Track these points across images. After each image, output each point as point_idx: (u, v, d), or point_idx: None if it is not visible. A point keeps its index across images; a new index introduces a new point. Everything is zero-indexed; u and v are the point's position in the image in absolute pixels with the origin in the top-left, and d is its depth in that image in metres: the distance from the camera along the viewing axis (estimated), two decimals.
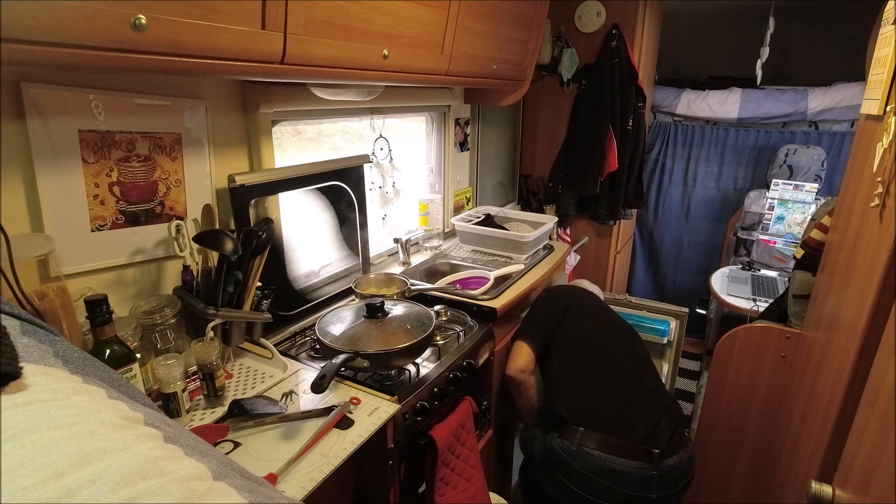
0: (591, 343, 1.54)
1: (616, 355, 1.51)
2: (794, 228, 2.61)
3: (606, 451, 1.33)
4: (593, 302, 1.70)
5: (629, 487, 1.31)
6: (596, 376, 1.46)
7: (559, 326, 1.56)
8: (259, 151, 1.33)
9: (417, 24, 1.32)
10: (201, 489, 0.28)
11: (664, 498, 1.33)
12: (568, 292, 1.70)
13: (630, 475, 1.31)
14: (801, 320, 1.42)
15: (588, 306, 1.65)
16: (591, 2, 2.49)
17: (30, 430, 0.26)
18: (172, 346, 1.07)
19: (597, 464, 1.32)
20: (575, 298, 1.65)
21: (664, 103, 3.13)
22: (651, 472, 1.31)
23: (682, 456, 1.36)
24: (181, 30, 0.78)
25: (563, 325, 1.56)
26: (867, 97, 1.05)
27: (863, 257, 0.90)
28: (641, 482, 1.31)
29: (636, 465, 1.31)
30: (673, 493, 1.35)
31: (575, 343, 1.54)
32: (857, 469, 0.72)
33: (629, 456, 1.32)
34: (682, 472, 1.36)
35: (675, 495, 1.36)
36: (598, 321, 1.62)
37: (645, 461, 1.31)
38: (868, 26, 1.28)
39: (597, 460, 1.32)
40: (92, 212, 1.02)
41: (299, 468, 0.90)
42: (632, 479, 1.31)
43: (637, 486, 1.31)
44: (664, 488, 1.33)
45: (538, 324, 1.59)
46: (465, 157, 2.36)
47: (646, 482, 1.31)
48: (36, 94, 0.90)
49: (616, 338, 1.58)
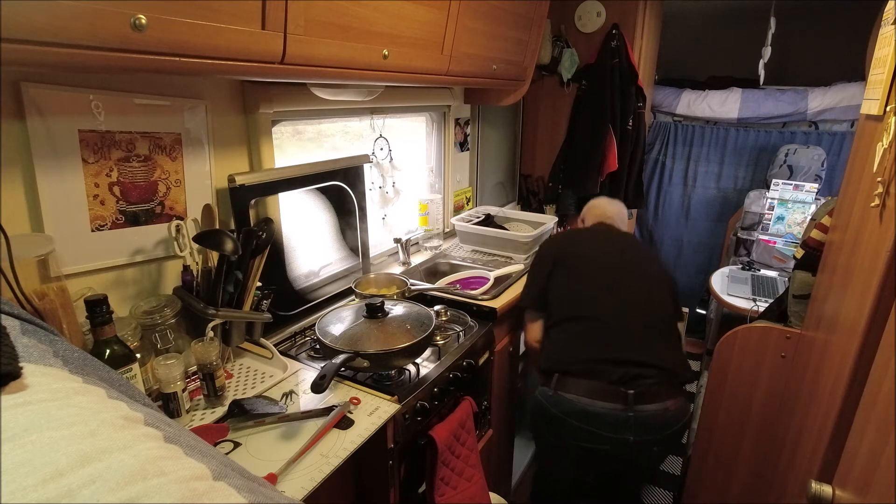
0: (577, 294, 1.49)
1: (605, 298, 1.45)
2: (794, 228, 2.61)
3: (579, 394, 1.33)
4: (592, 240, 1.63)
5: (606, 429, 1.32)
6: (577, 322, 1.44)
7: (549, 286, 1.53)
8: (259, 151, 1.33)
9: (417, 24, 1.32)
10: (201, 489, 0.27)
11: (643, 443, 1.32)
12: (558, 244, 1.64)
13: (605, 416, 1.31)
14: (801, 320, 1.42)
15: (582, 250, 1.58)
16: (591, 2, 2.49)
17: (30, 430, 0.26)
18: (172, 346, 1.07)
19: (571, 406, 1.34)
20: (562, 249, 1.59)
21: (664, 103, 3.13)
22: (626, 413, 1.30)
23: (668, 405, 1.33)
24: (181, 30, 0.78)
25: (552, 285, 1.53)
26: (867, 97, 1.05)
27: (863, 257, 0.90)
28: (617, 424, 1.31)
29: (611, 407, 1.31)
30: (654, 440, 1.33)
31: (561, 301, 1.50)
32: (857, 469, 0.72)
33: (603, 398, 1.31)
34: (665, 421, 1.33)
35: (658, 443, 1.34)
36: (590, 265, 1.53)
37: (620, 403, 1.31)
38: (868, 26, 1.28)
39: (571, 403, 1.34)
40: (92, 212, 1.02)
41: (299, 468, 0.90)
42: (607, 421, 1.31)
43: (613, 428, 1.31)
44: (642, 433, 1.31)
45: (531, 290, 1.58)
46: (465, 157, 2.36)
47: (621, 424, 1.31)
48: (36, 94, 0.90)
49: (613, 277, 1.49)
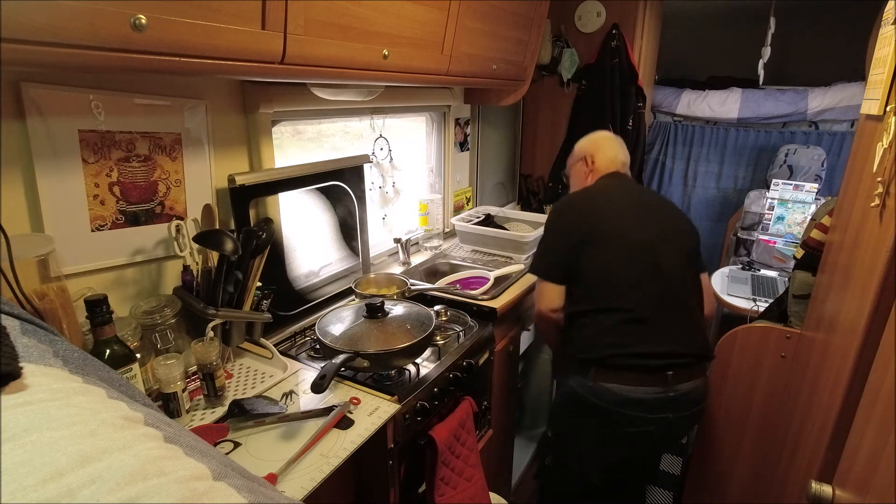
0: (612, 282, 1.36)
1: (644, 287, 1.35)
2: (794, 228, 2.61)
3: (622, 384, 1.32)
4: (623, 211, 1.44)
5: (651, 412, 1.33)
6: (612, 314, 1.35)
7: (576, 265, 1.38)
8: (259, 151, 1.33)
9: (417, 24, 1.32)
10: (201, 489, 0.27)
11: (680, 419, 1.36)
12: (585, 216, 1.42)
13: (649, 401, 1.32)
14: (801, 320, 1.42)
15: (617, 227, 1.39)
16: (591, 2, 2.49)
17: (30, 430, 0.26)
18: (172, 346, 1.07)
19: (614, 396, 1.32)
20: (592, 225, 1.40)
21: (664, 103, 3.12)
22: (668, 394, 1.32)
23: (699, 382, 1.36)
24: (181, 30, 0.78)
25: (580, 265, 1.37)
26: (867, 97, 1.05)
27: (863, 257, 0.90)
28: (659, 405, 1.33)
29: (654, 391, 1.32)
30: (689, 416, 1.37)
31: (593, 287, 1.37)
32: (858, 469, 0.72)
33: (645, 384, 1.32)
34: (698, 397, 1.37)
35: (689, 418, 1.39)
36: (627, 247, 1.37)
37: (661, 386, 1.32)
38: (868, 26, 1.28)
39: (613, 392, 1.32)
40: (92, 212, 1.02)
41: (299, 468, 0.90)
42: (651, 405, 1.32)
43: (656, 410, 1.33)
44: (679, 410, 1.35)
45: (551, 260, 1.42)
46: (465, 157, 2.36)
47: (663, 404, 1.33)
48: (36, 94, 0.90)
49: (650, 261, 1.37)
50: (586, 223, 1.41)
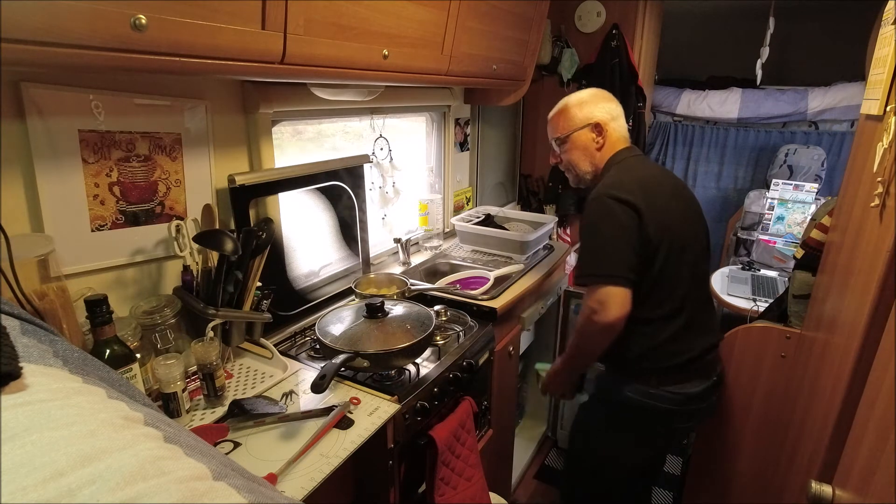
0: (676, 285, 1.27)
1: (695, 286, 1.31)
2: (794, 228, 2.61)
3: (682, 385, 1.33)
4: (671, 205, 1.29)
5: (704, 401, 1.38)
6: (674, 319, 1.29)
7: (652, 258, 1.23)
8: (259, 151, 1.33)
9: (417, 24, 1.32)
10: (201, 489, 0.27)
11: (717, 396, 1.45)
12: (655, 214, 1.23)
13: (703, 393, 1.36)
14: (801, 320, 1.42)
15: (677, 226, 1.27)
16: (591, 2, 2.49)
17: (30, 430, 0.26)
18: (172, 346, 1.07)
19: (676, 398, 1.33)
20: (664, 225, 1.24)
21: (664, 103, 3.13)
22: (713, 380, 1.38)
23: (722, 363, 1.47)
24: (181, 30, 0.78)
25: (655, 270, 1.24)
26: (867, 97, 1.05)
27: (863, 257, 0.90)
28: (708, 393, 1.38)
29: (706, 383, 1.36)
30: (719, 392, 1.46)
31: (661, 292, 1.26)
32: (857, 469, 0.72)
33: (701, 377, 1.36)
34: (722, 373, 1.46)
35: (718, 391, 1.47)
36: (683, 246, 1.27)
37: (711, 377, 1.38)
38: (868, 26, 1.28)
39: (675, 396, 1.33)
40: (92, 212, 1.02)
41: (299, 468, 0.90)
42: (703, 396, 1.37)
43: (706, 398, 1.38)
44: (716, 388, 1.42)
45: (623, 258, 1.21)
46: (465, 157, 2.36)
47: (710, 391, 1.39)
48: (36, 94, 0.90)
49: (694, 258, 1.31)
50: (653, 219, 1.23)
